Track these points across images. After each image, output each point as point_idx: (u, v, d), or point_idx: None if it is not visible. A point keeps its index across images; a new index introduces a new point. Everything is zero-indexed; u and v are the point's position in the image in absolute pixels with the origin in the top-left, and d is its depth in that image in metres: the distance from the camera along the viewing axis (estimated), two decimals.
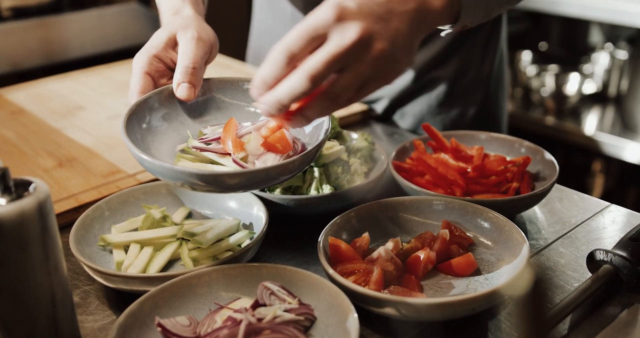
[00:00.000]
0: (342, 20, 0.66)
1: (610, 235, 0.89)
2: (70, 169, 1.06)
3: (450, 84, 1.33)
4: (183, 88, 0.83)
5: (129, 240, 0.84)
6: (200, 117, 0.88)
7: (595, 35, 2.57)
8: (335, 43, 0.66)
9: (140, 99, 0.82)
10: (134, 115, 0.80)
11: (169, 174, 0.72)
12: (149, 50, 0.85)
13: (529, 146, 1.00)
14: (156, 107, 0.84)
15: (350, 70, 0.67)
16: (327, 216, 0.85)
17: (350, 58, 0.66)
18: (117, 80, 1.48)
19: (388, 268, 0.76)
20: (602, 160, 2.37)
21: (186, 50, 0.83)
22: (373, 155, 1.02)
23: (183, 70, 0.83)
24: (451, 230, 0.83)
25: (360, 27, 0.66)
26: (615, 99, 2.42)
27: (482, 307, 0.70)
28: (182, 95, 0.83)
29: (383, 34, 0.68)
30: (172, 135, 0.85)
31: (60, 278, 0.64)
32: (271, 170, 0.72)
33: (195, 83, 0.83)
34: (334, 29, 0.66)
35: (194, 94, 0.84)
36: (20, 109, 1.33)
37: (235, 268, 0.74)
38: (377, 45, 0.67)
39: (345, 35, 0.66)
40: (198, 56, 0.83)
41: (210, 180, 0.71)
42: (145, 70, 0.84)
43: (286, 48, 0.67)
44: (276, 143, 0.79)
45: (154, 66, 0.85)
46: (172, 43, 0.86)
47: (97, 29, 1.77)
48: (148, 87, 0.84)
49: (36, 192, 0.60)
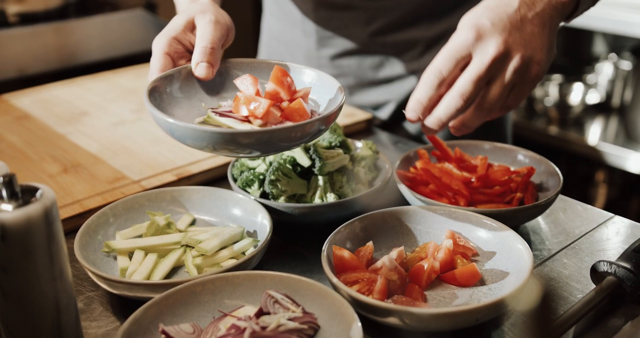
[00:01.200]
0: (480, 39, 0.76)
1: (614, 247, 0.89)
2: (75, 174, 1.07)
3: None
4: (202, 67, 0.86)
5: (134, 246, 0.85)
6: (218, 96, 0.91)
7: (599, 46, 2.57)
8: (478, 61, 0.76)
9: (161, 75, 0.86)
10: (155, 89, 0.84)
11: (193, 135, 0.74)
12: (169, 33, 0.88)
13: (533, 156, 1.01)
14: (175, 84, 0.87)
15: (496, 82, 0.77)
16: (331, 225, 0.85)
17: (494, 71, 0.77)
18: (123, 86, 1.49)
19: (392, 278, 0.76)
20: (605, 170, 2.37)
21: (204, 31, 0.87)
22: (377, 164, 1.03)
23: (202, 50, 0.86)
24: (455, 240, 0.83)
25: (497, 42, 0.76)
26: (618, 109, 2.42)
27: (485, 318, 0.70)
28: (200, 73, 0.87)
29: (519, 41, 0.77)
30: (190, 110, 0.88)
31: (65, 284, 0.64)
32: (290, 129, 0.75)
33: (213, 62, 0.87)
34: (476, 48, 0.77)
35: (212, 73, 0.87)
36: (26, 114, 1.33)
37: (239, 276, 0.74)
38: (515, 53, 0.77)
39: (486, 52, 0.76)
40: (216, 37, 0.87)
41: (229, 138, 0.74)
42: (165, 51, 0.88)
43: (437, 71, 0.78)
44: (294, 113, 0.82)
45: (173, 47, 0.88)
46: (190, 26, 0.89)
47: (102, 35, 1.78)
48: (168, 66, 0.88)
49: (43, 198, 0.61)
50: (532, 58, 0.78)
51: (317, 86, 0.89)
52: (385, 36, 1.31)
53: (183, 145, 0.79)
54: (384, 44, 1.32)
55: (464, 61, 0.78)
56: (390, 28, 1.30)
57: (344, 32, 1.33)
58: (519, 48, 0.77)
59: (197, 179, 1.08)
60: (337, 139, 0.98)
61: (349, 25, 1.31)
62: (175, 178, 1.05)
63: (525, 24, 0.78)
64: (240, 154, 0.77)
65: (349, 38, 1.33)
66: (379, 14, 1.28)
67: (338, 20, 1.32)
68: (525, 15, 0.79)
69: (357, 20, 1.30)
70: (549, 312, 0.43)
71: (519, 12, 0.79)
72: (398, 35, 1.31)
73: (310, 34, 1.37)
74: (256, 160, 0.98)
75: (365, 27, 1.30)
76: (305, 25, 1.36)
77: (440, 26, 1.31)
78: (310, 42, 1.37)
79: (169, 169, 1.08)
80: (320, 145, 0.95)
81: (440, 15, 1.30)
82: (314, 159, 0.91)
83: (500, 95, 0.78)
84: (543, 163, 0.99)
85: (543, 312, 0.44)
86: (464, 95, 0.77)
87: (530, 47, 0.78)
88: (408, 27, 1.30)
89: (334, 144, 0.97)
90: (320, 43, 1.36)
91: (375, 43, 1.32)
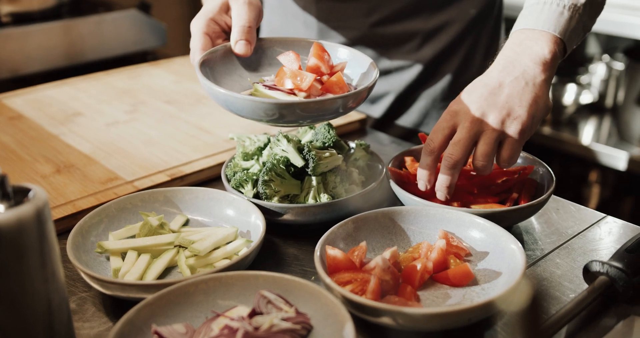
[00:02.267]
0: (461, 110, 0.87)
1: (606, 247, 0.90)
2: (68, 175, 1.06)
3: (454, 77, 1.38)
4: (241, 44, 0.92)
5: (126, 247, 0.85)
6: (255, 72, 0.97)
7: (592, 47, 2.58)
8: (460, 127, 0.86)
9: (207, 52, 0.91)
10: (205, 64, 0.90)
11: (251, 105, 0.81)
12: (206, 14, 0.94)
13: (526, 157, 1.01)
14: (218, 60, 0.93)
15: (481, 140, 0.86)
16: (325, 225, 0.85)
17: (475, 133, 0.85)
18: (116, 87, 1.48)
19: (385, 278, 0.76)
20: (598, 170, 2.38)
21: (240, 12, 0.92)
22: (370, 164, 1.03)
23: (240, 29, 0.92)
24: (448, 240, 0.83)
25: (474, 107, 0.86)
26: (611, 110, 2.43)
27: (478, 317, 0.70)
28: (240, 50, 0.92)
29: (494, 103, 0.86)
30: (233, 85, 0.93)
31: (57, 285, 0.64)
32: (343, 98, 0.83)
33: (250, 40, 0.93)
34: (458, 119, 0.87)
35: (250, 50, 0.93)
36: (19, 114, 1.33)
37: (232, 276, 0.74)
38: (491, 114, 0.85)
39: (465, 119, 0.86)
40: (251, 17, 0.92)
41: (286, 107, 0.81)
42: (204, 31, 0.93)
43: (428, 142, 0.88)
44: (334, 85, 0.88)
45: (211, 28, 0.94)
46: (225, 8, 0.95)
47: (96, 35, 1.77)
48: (208, 45, 0.93)
49: (35, 199, 0.60)
50: (510, 115, 0.85)
51: (350, 62, 0.96)
52: (384, 27, 1.33)
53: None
54: (383, 35, 1.34)
55: (449, 131, 0.87)
56: (390, 19, 1.32)
57: (344, 24, 1.35)
58: (494, 109, 0.85)
59: (191, 180, 1.08)
60: (331, 139, 0.98)
61: (350, 16, 1.34)
62: (169, 178, 1.05)
63: (503, 88, 0.87)
64: (290, 122, 0.84)
65: (350, 29, 1.35)
66: (380, 5, 1.31)
67: (339, 12, 1.34)
68: (502, 81, 0.87)
69: (358, 11, 1.32)
70: (541, 312, 0.43)
71: (497, 79, 0.88)
72: (397, 26, 1.33)
73: (311, 26, 1.38)
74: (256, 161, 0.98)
75: (366, 18, 1.32)
76: (306, 17, 1.38)
77: (438, 18, 1.33)
78: (311, 35, 1.39)
79: (162, 169, 1.08)
80: (314, 145, 0.96)
81: (439, 8, 1.33)
82: (307, 159, 0.91)
83: (487, 151, 0.85)
84: (536, 163, 0.99)
85: (536, 312, 0.44)
86: (452, 156, 0.85)
87: (506, 107, 0.85)
88: (407, 19, 1.33)
89: (327, 144, 0.97)
90: (320, 35, 1.38)
91: (375, 34, 1.34)
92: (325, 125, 0.99)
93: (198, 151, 1.15)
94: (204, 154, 1.14)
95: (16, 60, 1.64)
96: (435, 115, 1.40)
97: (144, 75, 1.56)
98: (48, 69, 1.70)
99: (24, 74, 1.66)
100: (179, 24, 3.10)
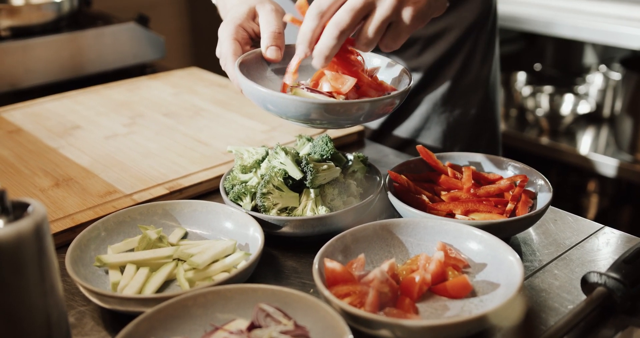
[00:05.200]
0: None
1: (604, 257, 0.90)
2: (67, 188, 1.07)
3: (454, 81, 1.38)
4: (272, 50, 0.93)
5: (125, 260, 0.85)
6: (283, 76, 0.97)
7: (589, 57, 2.60)
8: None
9: (244, 54, 0.93)
10: (242, 66, 0.91)
11: (294, 105, 0.82)
12: (234, 21, 0.96)
13: (524, 168, 1.01)
14: (252, 65, 0.95)
15: (371, 16, 0.82)
16: (323, 237, 0.86)
17: (369, 6, 0.81)
18: (114, 100, 1.49)
19: (383, 290, 0.76)
20: (597, 179, 2.38)
21: (269, 19, 0.94)
22: (368, 176, 1.03)
23: (270, 35, 0.93)
24: (446, 252, 0.83)
25: None
26: (609, 119, 2.43)
27: (476, 329, 0.70)
28: (271, 55, 0.93)
29: None
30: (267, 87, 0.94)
31: (56, 299, 0.64)
32: (385, 100, 0.84)
33: (281, 46, 0.94)
34: None
35: (281, 55, 0.94)
36: (17, 128, 1.33)
37: (231, 289, 0.74)
38: None
39: None
40: (280, 23, 0.95)
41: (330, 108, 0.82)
42: (234, 37, 0.95)
43: (317, 4, 0.83)
44: (369, 89, 0.90)
45: (240, 34, 0.96)
46: (252, 15, 0.97)
47: (95, 48, 1.78)
48: (239, 50, 0.94)
49: (34, 214, 0.61)
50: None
51: (382, 68, 0.98)
52: None
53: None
54: None
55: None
56: None
57: None
58: None
59: (189, 192, 1.08)
60: (329, 151, 0.98)
61: None
62: (167, 191, 1.05)
63: None
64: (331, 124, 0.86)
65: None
66: None
67: None
68: None
69: None
70: (539, 323, 0.43)
71: None
72: None
73: None
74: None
75: None
76: None
77: (438, 24, 1.34)
78: None
79: (160, 182, 1.08)
80: (312, 158, 0.96)
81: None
82: (305, 171, 0.92)
83: (375, 30, 0.83)
84: (533, 174, 0.99)
85: (534, 323, 0.44)
86: (339, 24, 0.82)
87: None
88: None
89: (325, 157, 0.98)
90: None
91: None
92: (323, 138, 1.00)
93: (196, 164, 1.15)
94: (203, 166, 1.14)
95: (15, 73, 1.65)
96: (436, 119, 1.40)
97: (142, 88, 1.57)
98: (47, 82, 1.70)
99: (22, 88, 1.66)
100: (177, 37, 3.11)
